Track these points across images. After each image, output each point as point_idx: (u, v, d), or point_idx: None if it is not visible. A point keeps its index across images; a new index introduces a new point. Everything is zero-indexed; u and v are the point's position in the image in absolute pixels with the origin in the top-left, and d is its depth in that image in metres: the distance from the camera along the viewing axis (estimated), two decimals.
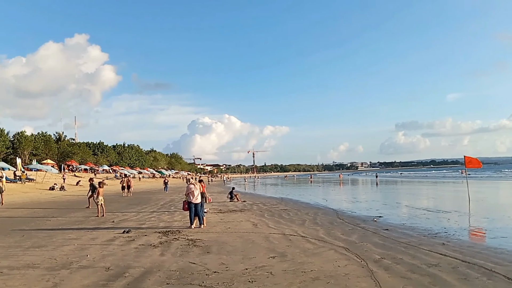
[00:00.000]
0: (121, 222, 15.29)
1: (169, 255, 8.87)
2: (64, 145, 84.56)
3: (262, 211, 19.16)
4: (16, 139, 71.19)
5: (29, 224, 14.91)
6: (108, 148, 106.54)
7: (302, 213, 18.39)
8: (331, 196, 34.06)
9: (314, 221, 15.20)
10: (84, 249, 9.64)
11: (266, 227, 13.59)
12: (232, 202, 25.11)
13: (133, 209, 21.41)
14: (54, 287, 6.40)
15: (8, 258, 8.68)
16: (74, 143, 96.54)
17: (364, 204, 24.16)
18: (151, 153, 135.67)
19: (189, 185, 13.74)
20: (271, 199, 29.18)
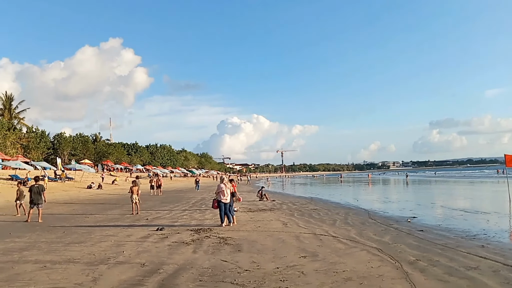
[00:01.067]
0: (155, 220, 15.60)
1: (201, 253, 9.00)
2: (100, 146, 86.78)
3: (291, 211, 19.15)
4: (56, 140, 73.80)
5: (69, 221, 15.43)
6: (141, 148, 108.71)
7: (332, 213, 18.27)
8: (362, 196, 33.66)
9: (345, 221, 15.08)
10: (120, 246, 9.91)
11: (296, 226, 13.58)
12: (262, 201, 25.18)
13: (166, 207, 21.79)
14: (93, 282, 6.62)
15: (51, 253, 9.04)
16: (110, 143, 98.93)
17: (396, 204, 23.77)
18: (182, 153, 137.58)
19: (220, 184, 13.88)
20: (301, 199, 29.08)
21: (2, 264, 7.93)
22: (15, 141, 60.57)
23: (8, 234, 11.89)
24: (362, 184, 60.45)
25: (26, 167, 47.21)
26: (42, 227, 13.46)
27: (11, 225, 14.23)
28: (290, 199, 27.89)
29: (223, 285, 6.41)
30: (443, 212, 19.31)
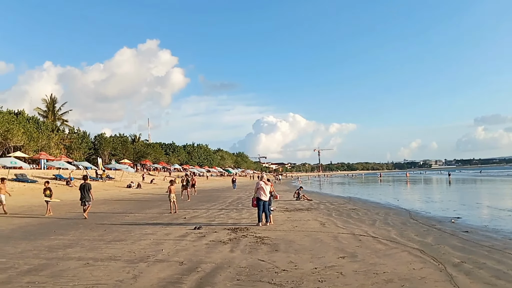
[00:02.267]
0: (192, 219, 15.77)
1: (239, 252, 9.00)
2: (139, 146, 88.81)
3: (329, 210, 18.90)
4: (97, 140, 76.18)
5: (110, 219, 15.82)
6: (178, 148, 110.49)
7: (372, 213, 17.91)
8: (402, 196, 32.86)
9: (385, 221, 14.73)
10: (159, 244, 10.05)
11: (334, 226, 13.38)
12: (299, 201, 25.02)
13: (203, 206, 21.99)
14: (133, 279, 6.74)
15: (93, 250, 9.28)
16: (148, 143, 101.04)
17: (439, 204, 23.05)
18: (218, 152, 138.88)
19: (259, 181, 13.85)
20: (339, 198, 28.71)
21: (47, 260, 8.20)
22: (58, 142, 62.84)
23: (52, 232, 12.30)
24: (403, 184, 59.08)
25: (69, 167, 48.86)
26: (84, 225, 13.85)
27: (55, 223, 14.71)
28: (327, 199, 27.58)
29: (261, 285, 6.38)
30: (490, 212, 18.55)
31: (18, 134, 51.56)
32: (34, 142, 55.53)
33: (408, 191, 41.42)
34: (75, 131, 73.70)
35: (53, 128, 67.30)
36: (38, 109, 75.03)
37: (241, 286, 6.32)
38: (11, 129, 50.73)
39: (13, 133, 50.86)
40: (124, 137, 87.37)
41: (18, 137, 51.78)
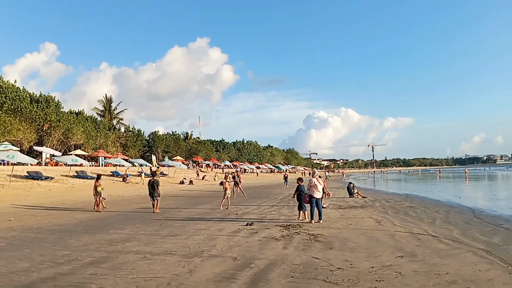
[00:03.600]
0: (244, 215, 15.85)
1: (292, 249, 8.92)
2: (190, 143, 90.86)
3: (385, 208, 18.38)
4: (151, 138, 78.69)
5: (164, 214, 16.20)
6: (228, 145, 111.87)
7: (431, 210, 17.21)
8: (464, 193, 31.48)
9: (446, 220, 14.10)
10: (212, 239, 10.17)
11: (391, 224, 12.97)
12: (352, 198, 24.54)
13: (254, 202, 22.08)
14: (189, 273, 6.84)
15: (150, 245, 9.53)
16: (199, 140, 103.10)
17: (506, 202, 21.88)
18: (268, 149, 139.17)
19: (312, 178, 13.69)
20: (394, 195, 27.89)
21: (108, 253, 8.51)
22: (115, 140, 65.52)
23: (111, 226, 12.77)
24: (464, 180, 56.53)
25: (125, 164, 50.79)
26: (141, 220, 14.28)
27: (113, 217, 15.26)
28: (383, 196, 26.90)
29: (315, 283, 6.27)
30: None
31: (78, 133, 54.30)
32: (93, 141, 58.23)
33: (471, 188, 39.63)
34: (130, 129, 76.50)
35: (110, 127, 70.30)
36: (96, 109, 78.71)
37: (295, 284, 6.25)
38: (72, 128, 53.47)
39: (74, 132, 53.63)
40: (176, 134, 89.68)
41: (78, 136, 54.51)
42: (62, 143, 54.08)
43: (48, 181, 32.38)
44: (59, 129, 52.12)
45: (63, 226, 13.05)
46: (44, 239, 10.51)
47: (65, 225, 13.18)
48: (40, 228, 12.41)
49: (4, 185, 26.97)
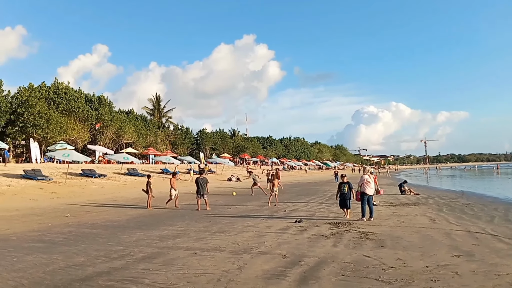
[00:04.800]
0: (292, 212, 15.76)
1: (342, 247, 8.76)
2: (238, 140, 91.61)
3: (439, 205, 17.70)
4: (199, 136, 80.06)
5: (213, 211, 16.41)
6: (275, 141, 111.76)
7: (489, 208, 16.42)
8: None
9: (505, 218, 13.40)
10: (261, 236, 10.16)
11: (446, 222, 12.46)
12: (404, 195, 23.83)
13: (302, 199, 21.95)
14: (238, 270, 6.86)
15: (199, 241, 9.67)
16: (246, 137, 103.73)
17: None
18: (315, 145, 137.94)
19: (363, 175, 13.39)
20: (449, 192, 26.88)
21: (159, 249, 8.70)
22: (164, 138, 67.20)
23: (162, 223, 13.07)
24: None
25: (174, 161, 51.86)
26: (190, 217, 14.54)
27: (163, 214, 15.63)
28: (436, 193, 25.97)
29: (367, 281, 6.11)
30: None
31: (129, 132, 56.17)
32: (143, 139, 60.02)
33: None
34: (178, 127, 78.17)
35: (159, 125, 72.26)
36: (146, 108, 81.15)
37: (346, 282, 6.11)
38: (123, 127, 55.39)
39: (125, 130, 55.51)
40: (224, 132, 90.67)
41: (129, 134, 56.39)
42: (114, 141, 56.13)
43: (101, 179, 33.67)
44: (111, 128, 54.16)
45: (116, 222, 13.52)
46: (98, 234, 10.91)
47: (118, 221, 13.64)
48: (94, 224, 12.92)
49: (61, 182, 28.30)
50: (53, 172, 32.05)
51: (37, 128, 40.99)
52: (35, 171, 29.32)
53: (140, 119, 68.33)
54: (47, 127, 41.54)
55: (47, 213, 15.79)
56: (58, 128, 43.20)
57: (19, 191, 23.50)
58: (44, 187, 25.65)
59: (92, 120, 52.23)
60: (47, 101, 47.21)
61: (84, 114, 50.93)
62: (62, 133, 43.95)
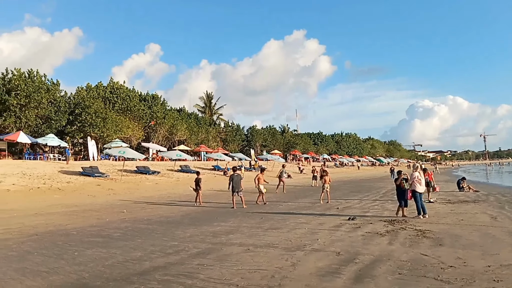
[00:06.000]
0: (345, 209, 15.52)
1: (398, 245, 8.53)
2: (288, 137, 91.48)
3: (501, 203, 16.81)
4: (249, 133, 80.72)
5: (265, 207, 16.47)
6: (326, 137, 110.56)
7: None
8: None
9: None
10: (314, 233, 10.08)
11: (509, 220, 11.82)
12: (462, 192, 22.84)
13: (355, 196, 21.58)
14: (292, 266, 6.84)
15: (252, 237, 9.73)
16: (297, 134, 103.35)
17: None
18: (368, 141, 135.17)
19: (414, 172, 12.97)
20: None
21: (212, 245, 8.85)
22: (215, 135, 68.28)
23: (215, 219, 13.26)
24: None
25: (225, 158, 52.63)
26: (242, 213, 14.66)
27: (216, 210, 15.86)
28: (498, 190, 24.75)
29: (426, 281, 5.92)
30: None
31: (181, 129, 57.55)
32: (195, 136, 61.30)
33: None
34: (229, 124, 79.15)
35: (210, 123, 73.58)
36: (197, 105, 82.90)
37: (403, 281, 5.94)
38: (176, 124, 56.82)
39: (178, 128, 56.88)
40: (274, 128, 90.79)
41: (182, 132, 57.77)
42: (166, 139, 57.71)
43: (155, 175, 34.73)
44: (164, 126, 55.71)
45: (170, 218, 13.86)
46: (154, 230, 11.23)
47: (172, 217, 13.99)
48: (149, 220, 13.31)
49: (117, 179, 29.47)
50: (109, 169, 33.45)
51: (94, 127, 42.94)
52: (93, 168, 30.72)
53: (192, 116, 69.82)
54: (103, 126, 43.44)
55: (105, 209, 16.47)
56: (114, 126, 45.02)
57: (78, 187, 24.71)
58: (101, 184, 26.82)
59: (146, 118, 53.96)
60: (103, 100, 49.28)
61: (139, 112, 52.70)
62: (117, 131, 45.75)
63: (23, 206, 16.99)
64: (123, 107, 51.04)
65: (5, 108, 38.80)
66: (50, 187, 23.47)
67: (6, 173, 24.99)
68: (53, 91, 42.64)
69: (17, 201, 18.45)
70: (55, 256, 7.98)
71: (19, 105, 38.66)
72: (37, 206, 17.09)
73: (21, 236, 10.29)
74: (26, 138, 36.79)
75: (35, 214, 14.56)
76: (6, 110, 38.82)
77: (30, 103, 39.32)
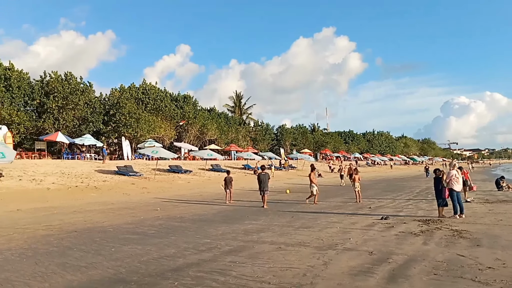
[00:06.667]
0: (378, 209, 15.31)
1: (433, 245, 8.35)
2: (318, 135, 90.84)
3: None
4: (278, 131, 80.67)
5: (295, 206, 16.44)
6: (358, 136, 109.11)
7: None
8: None
9: None
10: (346, 233, 9.99)
11: None
12: (501, 191, 22.09)
13: (388, 196, 21.23)
14: (324, 265, 6.80)
15: (283, 236, 9.72)
16: (327, 132, 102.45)
17: None
18: (401, 139, 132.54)
19: (451, 170, 12.65)
20: None
21: (244, 243, 8.90)
22: (245, 135, 68.57)
23: (246, 217, 13.33)
24: None
25: (255, 157, 52.73)
26: (273, 212, 14.67)
27: (247, 209, 15.90)
28: None
29: (462, 282, 5.77)
30: None
31: (212, 129, 58.12)
32: (225, 135, 61.75)
33: None
34: (259, 123, 79.29)
35: (240, 122, 73.88)
36: (227, 105, 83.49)
37: (439, 282, 5.81)
38: (206, 124, 57.40)
39: (208, 128, 57.46)
40: (304, 127, 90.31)
41: (212, 131, 58.30)
42: (197, 138, 58.37)
43: (187, 174, 35.19)
44: (195, 126, 56.37)
45: (202, 216, 14.01)
46: (187, 227, 11.39)
47: (204, 215, 14.13)
48: (182, 218, 13.50)
49: (150, 178, 30.01)
50: (143, 168, 34.11)
51: (128, 127, 43.88)
52: (127, 167, 31.44)
53: (222, 116, 70.35)
54: (137, 126, 44.32)
55: (139, 207, 16.80)
56: (147, 126, 45.88)
57: (113, 186, 25.30)
58: (135, 183, 27.36)
59: (178, 118, 54.78)
60: (136, 101, 50.30)
61: (170, 112, 53.52)
62: (150, 131, 46.59)
63: (63, 204, 17.55)
64: (155, 107, 51.94)
65: (44, 110, 40.58)
66: (87, 186, 24.14)
67: (46, 172, 25.89)
68: (87, 92, 43.98)
69: (57, 199, 19.07)
70: (93, 251, 8.22)
71: (57, 107, 40.34)
72: (76, 204, 17.61)
73: (61, 232, 10.63)
74: (64, 138, 38.24)
75: (74, 212, 15.01)
76: (45, 112, 40.63)
77: (68, 105, 40.88)
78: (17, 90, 39.42)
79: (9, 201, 17.64)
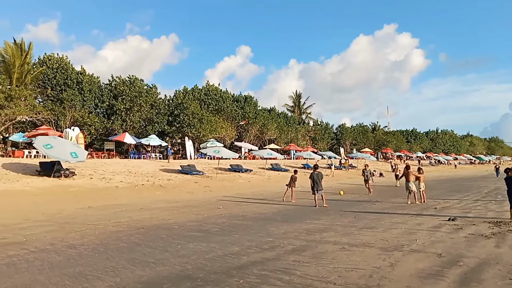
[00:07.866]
0: (444, 210, 14.76)
1: (506, 248, 7.99)
2: (379, 134, 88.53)
3: None
4: (338, 131, 79.61)
5: (357, 206, 16.21)
6: (420, 134, 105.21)
7: None
8: None
9: None
10: (411, 234, 9.74)
11: None
12: None
13: (454, 196, 20.38)
14: (390, 267, 6.68)
15: (346, 236, 9.64)
16: (388, 131, 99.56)
17: None
18: (466, 138, 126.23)
19: None
20: None
21: (307, 242, 8.91)
22: (304, 134, 68.33)
23: (307, 216, 13.31)
24: None
25: (315, 156, 52.37)
26: (335, 211, 14.54)
27: (307, 208, 15.82)
28: None
29: None
30: None
31: (271, 128, 58.53)
32: (285, 135, 61.89)
33: None
34: (318, 123, 78.68)
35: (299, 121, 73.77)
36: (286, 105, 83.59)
37: None
38: (266, 124, 57.89)
39: (268, 127, 57.90)
40: (364, 126, 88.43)
41: (272, 131, 58.68)
42: (257, 138, 58.93)
43: (248, 173, 35.62)
44: (255, 125, 57.00)
45: (263, 214, 14.15)
46: (249, 226, 11.55)
47: (266, 214, 14.27)
48: (244, 216, 13.70)
49: (212, 177, 30.66)
50: (205, 167, 34.96)
51: (191, 128, 45.16)
52: (190, 166, 32.35)
53: (282, 116, 70.53)
54: (200, 126, 45.51)
55: (202, 205, 17.22)
56: (209, 127, 46.97)
57: (177, 184, 26.11)
58: (198, 181, 28.08)
59: (238, 118, 55.70)
60: (199, 102, 51.67)
61: (231, 113, 54.49)
62: (212, 131, 47.64)
63: (130, 201, 18.38)
64: (217, 108, 53.09)
65: (113, 112, 43.00)
66: (153, 184, 25.11)
67: (115, 171, 27.26)
68: (151, 94, 45.84)
69: (125, 197, 20.00)
70: (160, 248, 8.54)
71: (125, 109, 42.50)
72: (142, 201, 18.38)
73: (130, 229, 11.15)
74: (131, 138, 40.22)
75: (141, 209, 15.67)
76: (114, 113, 43.05)
77: (134, 107, 42.84)
78: (88, 93, 42.09)
79: (81, 198, 18.70)
